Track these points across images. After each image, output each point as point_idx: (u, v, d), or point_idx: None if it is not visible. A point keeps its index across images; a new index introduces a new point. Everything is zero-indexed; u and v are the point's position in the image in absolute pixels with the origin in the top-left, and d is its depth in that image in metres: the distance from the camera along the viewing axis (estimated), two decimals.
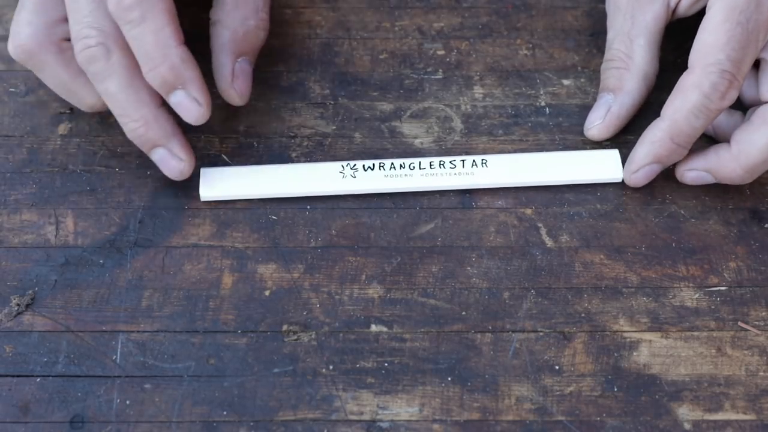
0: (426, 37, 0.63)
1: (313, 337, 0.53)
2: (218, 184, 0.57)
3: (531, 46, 0.63)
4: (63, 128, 0.59)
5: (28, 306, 0.54)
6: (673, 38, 0.61)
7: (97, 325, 0.53)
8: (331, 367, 0.52)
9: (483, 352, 0.53)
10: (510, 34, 0.63)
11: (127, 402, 0.51)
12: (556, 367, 0.52)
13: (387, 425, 0.51)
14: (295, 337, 0.53)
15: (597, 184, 0.58)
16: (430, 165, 0.57)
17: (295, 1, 0.64)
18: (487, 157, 0.58)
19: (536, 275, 0.55)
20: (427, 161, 0.57)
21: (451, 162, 0.57)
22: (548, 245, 0.56)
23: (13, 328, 0.53)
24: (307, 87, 0.61)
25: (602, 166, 0.58)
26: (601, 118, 0.58)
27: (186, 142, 0.56)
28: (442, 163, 0.57)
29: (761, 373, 0.52)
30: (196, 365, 0.52)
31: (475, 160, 0.58)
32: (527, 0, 0.64)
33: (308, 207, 0.57)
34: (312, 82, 0.61)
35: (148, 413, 0.51)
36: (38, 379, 0.52)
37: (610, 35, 0.59)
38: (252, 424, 0.51)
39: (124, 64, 0.53)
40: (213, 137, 0.59)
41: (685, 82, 0.54)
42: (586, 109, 0.60)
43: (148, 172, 0.57)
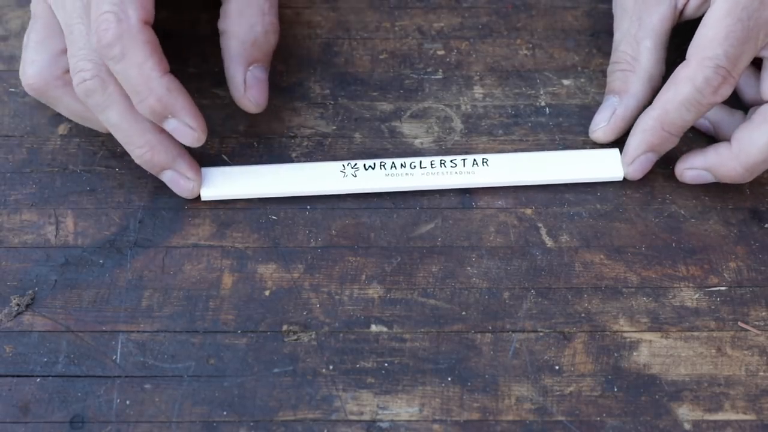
0: (426, 37, 0.63)
1: (313, 337, 0.53)
2: (218, 183, 0.57)
3: (531, 46, 0.63)
4: (63, 128, 0.59)
5: (28, 306, 0.54)
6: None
7: (97, 325, 0.53)
8: (331, 367, 0.52)
9: (483, 352, 0.53)
10: (510, 34, 0.63)
11: (127, 402, 0.51)
12: (556, 367, 0.52)
13: (387, 425, 0.51)
14: (295, 337, 0.53)
15: (597, 184, 0.58)
16: (431, 164, 0.57)
17: (295, 1, 0.64)
18: (488, 156, 0.58)
19: (536, 275, 0.55)
20: (428, 160, 0.57)
21: (452, 161, 0.57)
22: (548, 245, 0.56)
23: (13, 328, 0.53)
24: (307, 87, 0.61)
25: (603, 165, 0.58)
26: (606, 121, 0.58)
27: (192, 161, 0.56)
28: (443, 162, 0.57)
29: (761, 373, 0.52)
30: (196, 365, 0.52)
31: (476, 159, 0.58)
32: (527, 0, 0.64)
33: (308, 207, 0.57)
34: (312, 82, 0.61)
35: (148, 413, 0.51)
36: (38, 379, 0.52)
37: (617, 37, 0.59)
38: (252, 424, 0.51)
39: (121, 94, 0.53)
40: (213, 137, 0.59)
41: (679, 73, 0.54)
42: (586, 109, 0.60)
43: (148, 173, 0.57)
